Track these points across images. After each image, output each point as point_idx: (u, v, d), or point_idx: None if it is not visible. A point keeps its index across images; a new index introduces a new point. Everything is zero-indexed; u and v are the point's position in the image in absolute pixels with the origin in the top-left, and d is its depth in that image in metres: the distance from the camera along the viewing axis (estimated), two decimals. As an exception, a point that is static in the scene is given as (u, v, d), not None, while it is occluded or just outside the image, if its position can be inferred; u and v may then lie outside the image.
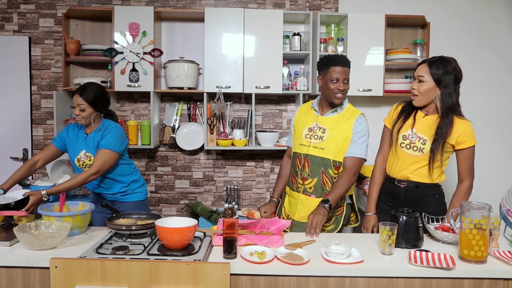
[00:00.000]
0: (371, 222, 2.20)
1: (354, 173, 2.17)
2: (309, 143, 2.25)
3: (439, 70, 2.02)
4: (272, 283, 1.61)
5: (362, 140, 2.19)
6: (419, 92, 2.07)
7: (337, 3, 3.50)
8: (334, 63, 2.16)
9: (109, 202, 2.40)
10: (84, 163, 2.35)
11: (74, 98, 2.28)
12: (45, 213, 1.90)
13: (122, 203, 2.44)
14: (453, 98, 2.02)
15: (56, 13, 3.40)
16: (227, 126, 3.44)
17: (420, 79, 2.06)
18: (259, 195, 3.60)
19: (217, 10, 3.18)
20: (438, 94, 2.03)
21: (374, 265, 1.63)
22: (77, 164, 2.37)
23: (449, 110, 2.02)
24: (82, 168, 2.35)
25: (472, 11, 3.56)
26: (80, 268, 1.56)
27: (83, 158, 2.35)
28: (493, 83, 3.60)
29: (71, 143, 2.38)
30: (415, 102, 2.11)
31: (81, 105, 2.26)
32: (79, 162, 2.35)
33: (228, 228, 1.65)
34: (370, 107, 3.52)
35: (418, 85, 2.07)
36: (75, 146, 2.37)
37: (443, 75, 2.01)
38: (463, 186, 2.08)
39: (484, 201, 1.71)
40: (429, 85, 2.04)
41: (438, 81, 2.02)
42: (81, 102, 2.26)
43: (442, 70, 2.01)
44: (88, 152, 2.34)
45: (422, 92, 2.06)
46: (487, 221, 1.63)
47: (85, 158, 2.35)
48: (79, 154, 2.35)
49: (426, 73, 2.05)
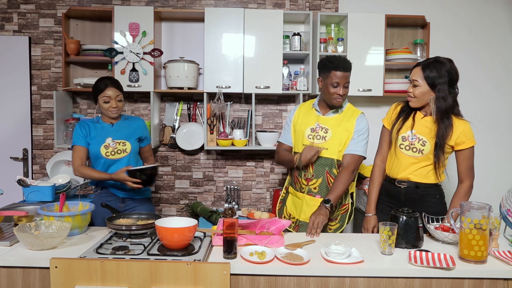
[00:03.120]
0: (371, 223, 2.20)
1: (352, 170, 2.17)
2: (312, 143, 2.24)
3: (433, 73, 2.00)
4: (272, 283, 1.61)
5: (361, 138, 2.20)
6: (414, 95, 2.07)
7: (337, 3, 3.50)
8: (335, 68, 2.15)
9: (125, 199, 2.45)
10: (116, 149, 2.40)
11: (109, 91, 2.34)
12: (45, 213, 1.90)
13: (135, 200, 2.49)
14: (448, 101, 2.01)
15: (56, 13, 3.40)
16: (227, 126, 3.44)
17: (414, 84, 2.06)
18: (259, 195, 3.60)
19: (217, 10, 3.18)
20: (433, 97, 2.03)
21: (374, 265, 1.63)
22: (103, 153, 2.37)
23: (443, 114, 2.01)
24: (109, 155, 2.38)
25: (472, 11, 3.56)
26: (80, 268, 1.56)
27: (112, 145, 2.40)
28: (493, 83, 3.60)
29: (95, 136, 2.41)
30: (412, 104, 2.11)
31: (119, 96, 2.39)
32: (108, 149, 2.38)
33: (228, 228, 1.65)
34: (370, 107, 3.52)
35: (413, 88, 2.07)
36: (99, 137, 2.41)
37: (437, 78, 2.00)
38: (463, 186, 2.08)
39: (484, 201, 1.71)
40: (423, 89, 2.04)
41: (432, 85, 2.02)
42: (118, 93, 2.39)
43: (436, 73, 2.00)
44: (116, 139, 2.41)
45: (417, 95, 2.06)
46: (487, 221, 1.63)
47: (115, 144, 2.40)
48: (106, 142, 2.39)
49: (420, 77, 2.04)
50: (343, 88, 2.16)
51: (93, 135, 2.39)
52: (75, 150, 2.38)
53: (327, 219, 2.06)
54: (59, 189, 2.64)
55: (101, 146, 2.37)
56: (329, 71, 2.16)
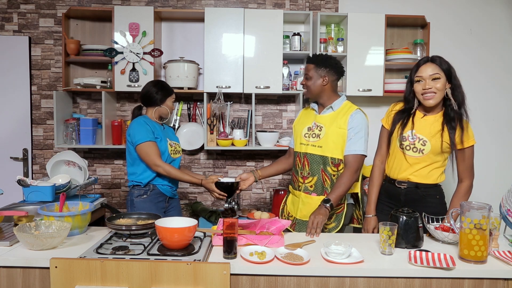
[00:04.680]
0: (371, 224, 2.20)
1: (355, 170, 2.16)
2: (308, 141, 2.26)
3: (445, 64, 2.03)
4: (272, 283, 1.61)
5: (359, 136, 2.17)
6: (437, 90, 2.01)
7: (337, 3, 3.50)
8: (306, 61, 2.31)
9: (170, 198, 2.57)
10: (175, 149, 2.57)
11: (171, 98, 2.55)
12: (45, 213, 1.90)
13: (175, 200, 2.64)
14: (462, 89, 2.03)
15: (56, 13, 3.40)
16: (227, 126, 3.44)
17: (435, 77, 2.01)
18: (259, 195, 3.60)
19: (217, 10, 3.18)
20: (449, 88, 2.03)
21: (374, 265, 1.63)
22: (169, 151, 2.50)
23: (461, 103, 2.03)
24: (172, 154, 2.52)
25: (472, 11, 3.56)
26: (80, 268, 1.56)
27: (173, 145, 2.56)
28: (493, 83, 3.60)
29: (158, 134, 2.47)
30: (432, 101, 2.03)
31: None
32: (171, 147, 2.53)
33: (228, 228, 1.65)
34: (370, 107, 3.52)
35: (433, 82, 2.01)
36: (162, 135, 2.50)
37: (450, 67, 2.03)
38: (463, 186, 2.08)
39: (484, 201, 1.71)
40: (443, 81, 2.03)
41: (449, 75, 2.02)
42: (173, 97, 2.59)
43: (447, 63, 2.03)
44: (171, 139, 2.56)
45: (440, 88, 2.02)
46: (487, 221, 1.63)
47: (175, 145, 2.58)
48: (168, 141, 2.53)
49: (438, 70, 2.02)
50: (304, 79, 2.27)
51: (157, 133, 2.45)
52: (149, 146, 2.37)
53: (327, 218, 2.06)
54: (59, 189, 2.63)
55: (167, 144, 2.47)
56: None
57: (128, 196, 2.48)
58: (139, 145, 2.37)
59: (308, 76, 2.24)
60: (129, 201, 2.45)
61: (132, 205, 2.43)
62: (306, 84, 2.26)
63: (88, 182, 2.80)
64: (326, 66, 2.22)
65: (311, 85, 2.24)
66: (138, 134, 2.37)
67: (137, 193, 2.44)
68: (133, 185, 2.46)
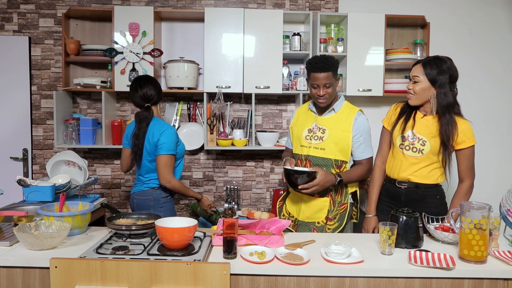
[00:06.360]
0: (372, 224, 2.20)
1: (369, 168, 2.27)
2: (310, 144, 2.25)
3: (433, 70, 2.02)
4: (272, 283, 1.61)
5: (367, 140, 2.25)
6: (414, 92, 2.08)
7: (337, 3, 3.49)
8: (313, 69, 2.16)
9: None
10: None
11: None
12: (45, 213, 1.90)
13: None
14: (449, 97, 2.02)
15: (56, 13, 3.40)
16: (227, 126, 3.44)
17: (415, 80, 2.07)
18: (259, 195, 3.60)
19: (217, 10, 3.18)
20: (434, 93, 2.04)
21: (374, 265, 1.63)
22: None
23: (445, 109, 2.02)
24: None
25: (472, 11, 3.56)
26: (80, 268, 1.56)
27: None
28: (493, 83, 3.60)
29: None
30: (411, 102, 2.12)
31: None
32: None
33: (228, 228, 1.65)
34: (370, 107, 3.52)
35: (414, 85, 2.08)
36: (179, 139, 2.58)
37: (438, 74, 2.02)
38: (463, 186, 2.08)
39: (484, 201, 1.71)
40: (424, 85, 2.05)
41: (433, 81, 2.03)
42: None
43: (437, 70, 2.02)
44: None
45: (417, 92, 2.07)
46: (487, 221, 1.63)
47: None
48: None
49: (421, 73, 2.05)
50: (323, 89, 2.16)
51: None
52: (171, 159, 2.38)
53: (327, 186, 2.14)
54: (59, 189, 2.63)
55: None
56: (309, 73, 2.20)
57: (151, 196, 2.45)
58: (165, 155, 2.35)
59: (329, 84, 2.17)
60: (155, 201, 2.45)
61: (157, 205, 2.44)
62: (411, 89, 2.11)
63: (88, 182, 2.80)
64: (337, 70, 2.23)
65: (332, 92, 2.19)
66: (171, 144, 2.37)
67: (164, 193, 2.47)
68: (157, 186, 2.46)
